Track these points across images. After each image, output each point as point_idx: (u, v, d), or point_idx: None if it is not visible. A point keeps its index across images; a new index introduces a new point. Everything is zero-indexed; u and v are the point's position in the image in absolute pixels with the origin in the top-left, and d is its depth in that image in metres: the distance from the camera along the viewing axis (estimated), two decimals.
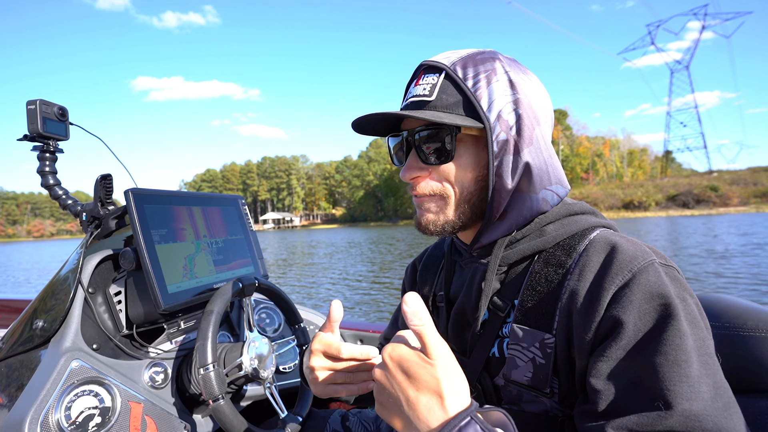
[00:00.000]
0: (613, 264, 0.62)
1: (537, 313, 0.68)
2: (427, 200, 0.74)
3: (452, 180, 0.72)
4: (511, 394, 0.72)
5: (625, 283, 0.60)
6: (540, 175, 0.72)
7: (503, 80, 0.70)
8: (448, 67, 0.71)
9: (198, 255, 1.19)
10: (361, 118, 0.74)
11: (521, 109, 0.70)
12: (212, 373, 0.93)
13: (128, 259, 1.05)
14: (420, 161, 0.73)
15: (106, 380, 0.97)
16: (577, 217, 0.74)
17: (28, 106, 1.07)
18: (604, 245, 0.66)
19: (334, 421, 1.16)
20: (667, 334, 0.56)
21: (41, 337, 0.99)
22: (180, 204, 1.18)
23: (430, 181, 0.74)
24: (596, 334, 0.61)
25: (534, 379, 0.67)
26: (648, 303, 0.58)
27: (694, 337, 0.56)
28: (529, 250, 0.72)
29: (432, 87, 0.71)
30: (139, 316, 1.09)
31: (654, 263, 0.62)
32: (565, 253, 0.69)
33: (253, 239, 1.42)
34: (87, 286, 1.04)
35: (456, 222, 0.74)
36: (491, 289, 0.74)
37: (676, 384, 0.53)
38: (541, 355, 0.67)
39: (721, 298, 0.86)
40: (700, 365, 0.55)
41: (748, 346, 0.75)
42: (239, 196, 1.43)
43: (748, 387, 0.74)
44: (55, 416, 0.86)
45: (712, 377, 0.55)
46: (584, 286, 0.63)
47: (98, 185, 1.12)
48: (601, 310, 0.60)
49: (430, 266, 0.97)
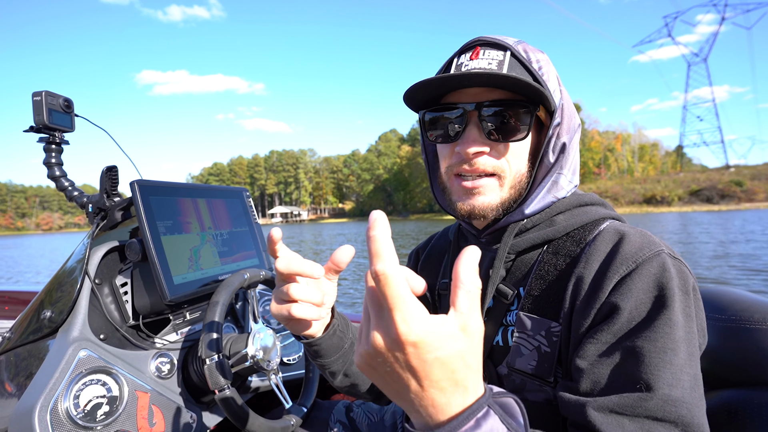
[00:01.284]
0: (619, 253, 0.62)
1: (545, 301, 0.68)
2: (483, 181, 0.70)
3: (511, 160, 0.70)
4: (514, 383, 0.71)
5: (629, 273, 0.60)
6: (567, 160, 0.73)
7: (554, 72, 0.72)
8: (512, 47, 0.69)
9: (203, 247, 1.19)
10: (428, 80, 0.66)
11: (564, 101, 0.72)
12: (217, 363, 0.94)
13: (134, 250, 1.06)
14: (484, 136, 0.69)
15: (113, 370, 0.98)
16: (588, 208, 0.74)
17: (33, 97, 1.07)
18: (613, 235, 0.66)
19: (339, 411, 1.16)
20: (658, 322, 0.57)
21: (49, 328, 1.00)
22: (185, 196, 1.18)
23: (490, 158, 0.70)
24: (594, 320, 0.61)
25: (538, 368, 0.67)
26: (647, 292, 0.59)
27: (686, 329, 0.57)
28: (538, 239, 0.72)
29: (500, 62, 0.68)
30: (145, 307, 1.10)
31: (662, 254, 0.62)
32: (574, 243, 0.70)
33: (258, 231, 1.42)
34: (94, 277, 1.05)
35: (507, 203, 0.72)
36: (498, 276, 0.74)
37: (660, 369, 0.54)
38: (546, 343, 0.66)
39: (729, 291, 0.86)
40: (686, 356, 0.56)
41: (755, 339, 0.75)
42: (244, 189, 1.43)
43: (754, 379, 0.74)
44: (64, 404, 0.88)
45: (693, 369, 0.56)
46: (590, 274, 0.64)
47: (104, 177, 1.13)
48: (602, 297, 0.61)
49: (435, 255, 0.96)
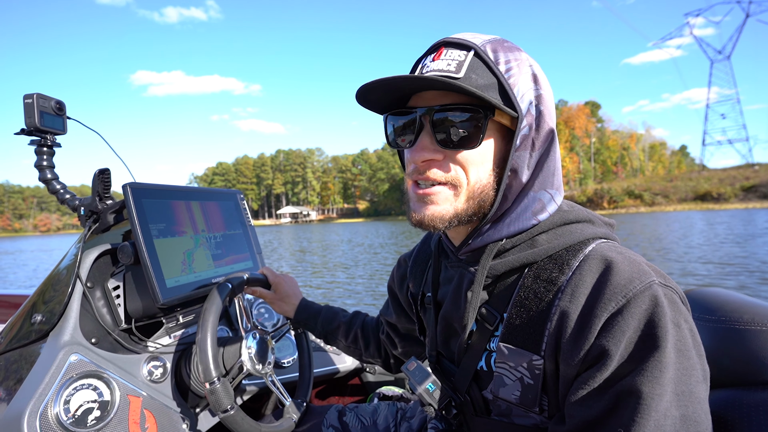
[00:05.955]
0: (607, 287, 0.57)
1: (525, 332, 0.63)
2: (436, 189, 0.66)
3: (468, 168, 0.65)
4: (500, 408, 0.69)
5: (618, 310, 0.56)
6: (546, 176, 0.68)
7: (528, 73, 0.65)
8: (478, 47, 0.63)
9: (197, 250, 1.18)
10: (373, 82, 0.63)
11: (542, 106, 0.66)
12: (219, 387, 0.92)
13: (127, 253, 1.05)
14: (436, 143, 0.65)
15: (104, 374, 0.97)
16: (572, 227, 0.68)
17: (25, 100, 1.07)
18: (599, 263, 0.61)
19: (331, 416, 1.15)
20: (647, 365, 0.53)
21: (40, 332, 1.00)
22: (178, 198, 1.17)
23: (443, 167, 0.65)
24: (583, 362, 0.58)
25: (522, 398, 0.65)
26: (637, 331, 0.55)
27: (676, 368, 0.53)
28: (517, 262, 0.67)
29: (459, 64, 0.63)
30: (138, 311, 1.09)
31: (653, 285, 0.57)
32: (557, 268, 0.64)
33: (252, 234, 1.41)
34: (85, 280, 1.04)
35: (463, 216, 0.67)
36: (479, 301, 0.70)
37: (643, 417, 0.52)
38: (529, 375, 0.63)
39: (718, 292, 0.86)
40: (672, 397, 0.53)
41: (745, 340, 0.75)
42: (237, 191, 1.43)
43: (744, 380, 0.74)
44: (54, 410, 0.87)
45: (682, 409, 0.53)
46: (575, 310, 0.59)
47: (96, 180, 1.13)
48: (591, 338, 0.56)
49: (419, 263, 0.94)
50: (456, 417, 0.77)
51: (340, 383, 1.91)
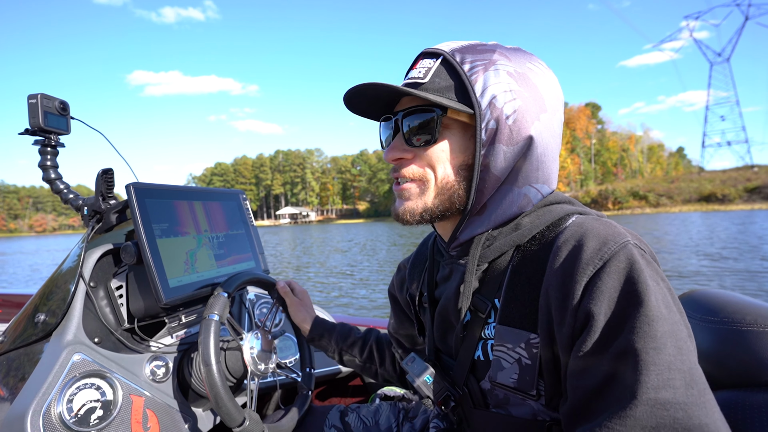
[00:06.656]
0: (583, 252, 0.59)
1: (520, 312, 0.65)
2: (407, 186, 0.73)
3: (434, 165, 0.71)
4: (497, 398, 0.70)
5: (596, 272, 0.57)
6: (529, 170, 0.70)
7: (502, 69, 0.68)
8: (447, 53, 0.70)
9: (199, 249, 1.19)
10: (353, 89, 0.71)
11: (520, 100, 0.67)
12: (248, 425, 0.94)
13: (129, 253, 1.05)
14: (404, 143, 0.73)
15: (107, 374, 0.97)
16: (552, 207, 0.71)
17: (29, 100, 1.07)
18: (576, 233, 0.63)
19: (333, 416, 1.15)
20: (636, 321, 0.53)
21: (43, 331, 1.00)
22: (181, 198, 1.18)
23: (413, 165, 0.73)
24: (573, 329, 0.58)
25: (520, 381, 0.65)
26: (618, 291, 0.55)
27: (670, 322, 0.53)
28: (506, 246, 0.70)
29: (427, 70, 0.70)
30: (140, 310, 1.09)
31: (627, 245, 0.59)
32: (540, 245, 0.67)
33: (254, 234, 1.42)
34: (88, 280, 1.04)
35: (434, 210, 0.72)
36: (471, 290, 0.72)
37: (643, 373, 0.50)
38: (527, 355, 0.64)
39: (720, 293, 0.85)
40: (675, 351, 0.51)
41: (747, 341, 0.75)
42: (240, 191, 1.43)
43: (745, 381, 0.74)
44: (57, 409, 0.87)
45: (686, 363, 0.51)
46: (558, 280, 0.61)
47: (99, 180, 1.13)
48: (575, 303, 0.58)
49: (417, 265, 0.96)
50: (455, 411, 0.78)
51: (342, 384, 1.91)
